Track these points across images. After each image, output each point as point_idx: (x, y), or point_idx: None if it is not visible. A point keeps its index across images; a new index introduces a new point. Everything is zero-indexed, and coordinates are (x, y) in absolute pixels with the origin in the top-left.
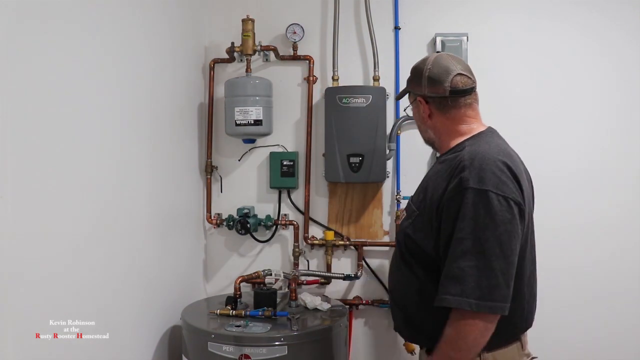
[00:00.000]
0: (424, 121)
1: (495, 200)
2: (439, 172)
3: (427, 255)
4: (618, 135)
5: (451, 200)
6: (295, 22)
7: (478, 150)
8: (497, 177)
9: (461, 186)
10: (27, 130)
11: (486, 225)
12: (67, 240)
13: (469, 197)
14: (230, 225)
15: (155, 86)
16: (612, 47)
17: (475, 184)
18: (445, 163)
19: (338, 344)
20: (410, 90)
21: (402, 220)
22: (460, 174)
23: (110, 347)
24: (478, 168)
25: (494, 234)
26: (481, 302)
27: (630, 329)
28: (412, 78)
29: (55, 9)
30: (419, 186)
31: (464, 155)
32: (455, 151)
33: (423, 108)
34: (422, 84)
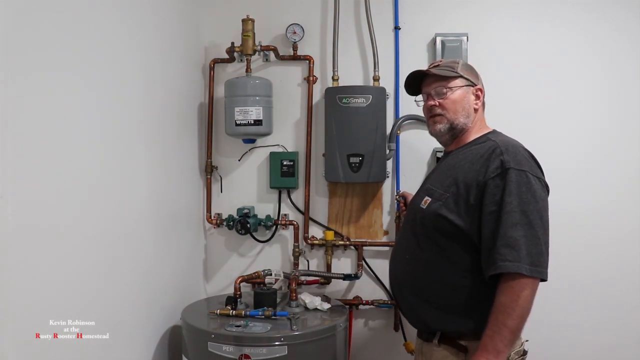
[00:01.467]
0: (472, 106)
1: (532, 179)
2: (465, 160)
3: (460, 231)
4: (618, 135)
5: (496, 178)
6: (295, 22)
7: (507, 140)
8: (529, 162)
9: (503, 166)
10: (27, 130)
11: (529, 200)
12: (67, 240)
13: (512, 175)
14: (230, 225)
15: (155, 86)
16: (610, 48)
17: (515, 165)
18: (469, 152)
19: (338, 344)
20: (466, 77)
21: (428, 204)
22: (500, 156)
23: (110, 347)
24: (514, 153)
25: (536, 208)
26: (533, 267)
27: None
28: (469, 69)
29: (57, 8)
30: (434, 176)
31: (497, 143)
32: (476, 143)
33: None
34: (479, 78)
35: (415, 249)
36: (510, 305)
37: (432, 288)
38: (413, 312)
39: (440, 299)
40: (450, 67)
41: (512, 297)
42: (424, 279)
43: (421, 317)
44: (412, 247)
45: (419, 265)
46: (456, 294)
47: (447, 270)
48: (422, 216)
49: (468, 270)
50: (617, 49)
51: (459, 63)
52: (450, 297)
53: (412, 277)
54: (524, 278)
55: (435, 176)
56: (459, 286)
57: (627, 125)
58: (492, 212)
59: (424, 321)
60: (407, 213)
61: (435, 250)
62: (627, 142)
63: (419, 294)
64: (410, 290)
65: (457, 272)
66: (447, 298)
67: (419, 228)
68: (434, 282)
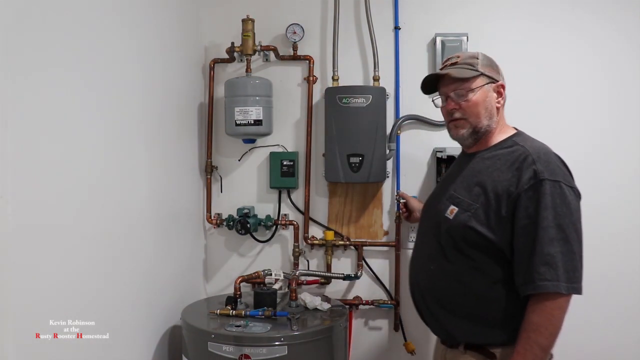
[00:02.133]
0: (495, 106)
1: (566, 190)
2: (493, 167)
3: (491, 243)
4: (618, 135)
5: (529, 190)
6: (295, 22)
7: (537, 145)
8: (562, 170)
9: (537, 178)
10: (27, 130)
11: (564, 213)
12: (67, 240)
13: (547, 187)
14: (230, 225)
15: (155, 86)
16: (609, 48)
17: (549, 176)
18: (496, 158)
19: (338, 344)
20: (487, 74)
21: (455, 215)
22: (532, 166)
23: (110, 347)
24: (546, 161)
25: (571, 220)
26: (569, 284)
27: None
28: (486, 64)
29: (57, 8)
30: (457, 180)
31: (527, 149)
32: (502, 147)
33: (502, 92)
34: (500, 73)
35: (441, 260)
36: (543, 325)
37: (460, 300)
38: (438, 323)
39: (468, 311)
40: (470, 65)
41: (546, 317)
42: (452, 291)
43: (447, 328)
44: (437, 257)
45: (446, 277)
46: (486, 306)
47: (476, 282)
48: (448, 227)
49: (499, 281)
50: (616, 49)
51: (479, 58)
52: (480, 308)
53: (438, 288)
54: (561, 297)
55: (459, 181)
56: (489, 297)
57: (626, 125)
58: (526, 225)
59: (451, 333)
60: (427, 219)
61: (463, 261)
62: (627, 141)
63: (446, 306)
64: (435, 302)
65: (488, 284)
66: (476, 310)
67: (444, 239)
68: (463, 294)
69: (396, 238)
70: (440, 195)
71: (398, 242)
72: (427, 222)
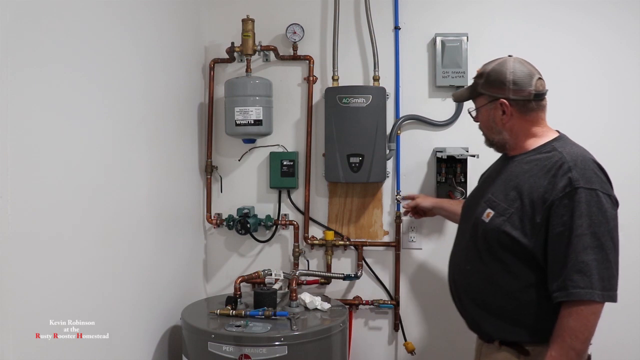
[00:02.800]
0: (501, 123)
1: (603, 198)
2: (530, 172)
3: (524, 249)
4: (618, 135)
5: (564, 197)
6: (295, 22)
7: (575, 151)
8: (599, 177)
9: (572, 185)
10: (27, 130)
11: (600, 222)
12: (67, 240)
13: (582, 196)
14: (230, 225)
15: (155, 86)
16: (608, 47)
17: (585, 184)
18: (533, 163)
19: (338, 344)
20: (486, 93)
21: (491, 218)
22: (568, 174)
23: (110, 347)
24: (582, 169)
25: (607, 229)
26: (604, 292)
27: None
28: (489, 82)
29: (57, 8)
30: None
31: (564, 156)
32: (540, 152)
33: (505, 110)
34: (505, 87)
35: (477, 262)
36: (579, 330)
37: (494, 301)
38: (474, 321)
39: (503, 312)
40: (474, 84)
41: (581, 322)
42: (486, 292)
43: (483, 327)
44: (473, 259)
45: (481, 278)
46: (518, 307)
47: (510, 285)
48: (484, 230)
49: (531, 285)
50: (615, 48)
51: (484, 74)
52: (512, 310)
53: (473, 288)
54: (595, 304)
55: (497, 184)
56: (523, 300)
57: (626, 125)
58: (560, 233)
59: (486, 331)
60: (466, 220)
61: (498, 264)
62: (627, 141)
63: (480, 304)
64: (470, 300)
65: (520, 287)
66: (510, 311)
67: (480, 241)
68: (497, 296)
69: (396, 238)
70: (479, 197)
71: (398, 242)
72: (465, 223)
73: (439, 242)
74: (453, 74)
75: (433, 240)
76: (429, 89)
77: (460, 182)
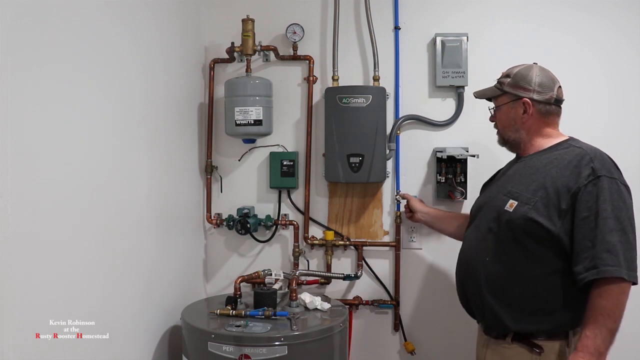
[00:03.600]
0: (520, 122)
1: (622, 187)
2: (551, 165)
3: (550, 234)
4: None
5: (588, 185)
6: (295, 22)
7: (592, 147)
8: (617, 170)
9: (595, 174)
10: (27, 130)
11: (621, 207)
12: (67, 240)
13: (605, 183)
14: (230, 225)
15: (155, 86)
16: (608, 47)
17: (606, 173)
18: (552, 157)
19: (338, 344)
20: (511, 92)
21: (515, 208)
22: (590, 164)
23: (110, 347)
24: (602, 160)
25: (627, 214)
26: (630, 272)
27: None
28: (516, 82)
29: (58, 8)
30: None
31: (584, 149)
32: (558, 149)
33: (527, 109)
34: (530, 88)
35: (499, 251)
36: (611, 308)
37: (516, 290)
38: (491, 312)
39: (522, 300)
40: (500, 83)
41: (613, 301)
42: (508, 282)
43: (500, 317)
44: (494, 249)
45: (503, 267)
46: (541, 296)
47: (534, 273)
48: (508, 219)
49: (557, 272)
50: (615, 48)
51: (511, 75)
52: (535, 298)
53: (494, 279)
54: (624, 282)
55: (515, 180)
56: (545, 288)
57: (626, 124)
58: (586, 217)
59: (503, 322)
60: (481, 216)
61: (521, 253)
62: (627, 141)
63: (499, 295)
64: (489, 292)
65: (544, 275)
66: (531, 299)
67: (503, 231)
68: (519, 285)
69: (396, 238)
70: (495, 193)
71: (398, 242)
72: (480, 220)
73: (439, 242)
74: (453, 74)
75: (433, 240)
76: (429, 89)
77: (460, 182)
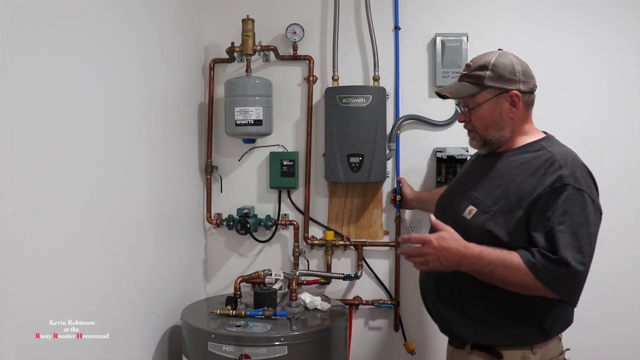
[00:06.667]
0: (507, 118)
1: (588, 201)
2: (518, 170)
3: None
4: (618, 135)
5: (552, 193)
6: (295, 22)
7: (565, 151)
8: (586, 180)
9: (561, 182)
10: (27, 130)
11: (581, 224)
12: (67, 240)
13: (570, 194)
14: (230, 225)
15: (155, 86)
16: (608, 47)
17: (574, 183)
18: (521, 161)
19: (338, 344)
20: (495, 86)
21: (474, 216)
22: (558, 171)
23: (110, 347)
24: (572, 168)
25: (587, 232)
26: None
27: None
28: (498, 74)
29: (58, 8)
30: (480, 181)
31: (554, 155)
32: (528, 150)
33: (515, 101)
34: (516, 78)
35: None
36: (513, 282)
37: (468, 300)
38: (445, 324)
39: (476, 311)
40: (476, 78)
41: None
42: (461, 290)
43: (454, 329)
44: None
45: (456, 276)
46: (494, 306)
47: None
48: (464, 227)
49: None
50: (615, 48)
51: (489, 66)
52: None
53: (447, 287)
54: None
55: (480, 181)
56: (498, 298)
57: (626, 124)
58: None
59: (457, 333)
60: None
61: None
62: (626, 140)
63: (454, 305)
64: (443, 301)
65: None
66: (483, 310)
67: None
68: (471, 295)
69: (396, 238)
70: (458, 193)
71: (398, 242)
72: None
73: None
74: (453, 74)
75: None
76: (429, 89)
77: None
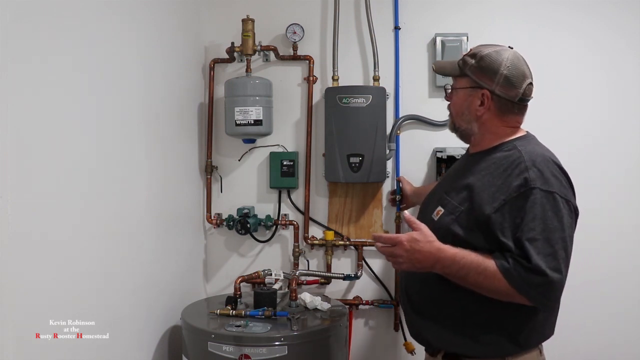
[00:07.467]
0: (474, 113)
1: (561, 203)
2: (486, 171)
3: (472, 248)
4: (618, 134)
5: (519, 197)
6: (295, 22)
7: (536, 151)
8: (558, 180)
9: (527, 185)
10: (27, 130)
11: (555, 228)
12: (67, 240)
13: (538, 197)
14: (230, 225)
15: (156, 86)
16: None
17: (541, 185)
18: (490, 161)
19: (338, 344)
20: (472, 77)
21: (440, 217)
22: (524, 173)
23: (110, 347)
24: (541, 169)
25: (561, 237)
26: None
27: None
28: (480, 67)
29: (58, 8)
30: (450, 180)
31: (522, 155)
32: (502, 150)
33: (484, 102)
34: (495, 79)
35: None
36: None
37: (436, 306)
38: (414, 328)
39: (446, 319)
40: (463, 62)
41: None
42: (429, 296)
43: (424, 336)
44: None
45: (427, 280)
46: (466, 315)
47: (455, 289)
48: (432, 228)
49: None
50: (615, 48)
51: (478, 56)
52: (460, 318)
53: (417, 292)
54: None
55: (452, 182)
56: (469, 306)
57: (626, 124)
58: (511, 233)
59: (427, 340)
60: (421, 217)
61: None
62: (626, 140)
63: (424, 312)
64: (412, 307)
65: (467, 292)
66: (454, 319)
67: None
68: (441, 301)
69: None
70: (434, 194)
71: None
72: (420, 219)
73: None
74: None
75: None
76: (428, 89)
77: None
